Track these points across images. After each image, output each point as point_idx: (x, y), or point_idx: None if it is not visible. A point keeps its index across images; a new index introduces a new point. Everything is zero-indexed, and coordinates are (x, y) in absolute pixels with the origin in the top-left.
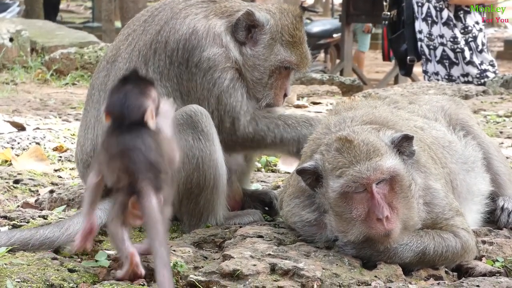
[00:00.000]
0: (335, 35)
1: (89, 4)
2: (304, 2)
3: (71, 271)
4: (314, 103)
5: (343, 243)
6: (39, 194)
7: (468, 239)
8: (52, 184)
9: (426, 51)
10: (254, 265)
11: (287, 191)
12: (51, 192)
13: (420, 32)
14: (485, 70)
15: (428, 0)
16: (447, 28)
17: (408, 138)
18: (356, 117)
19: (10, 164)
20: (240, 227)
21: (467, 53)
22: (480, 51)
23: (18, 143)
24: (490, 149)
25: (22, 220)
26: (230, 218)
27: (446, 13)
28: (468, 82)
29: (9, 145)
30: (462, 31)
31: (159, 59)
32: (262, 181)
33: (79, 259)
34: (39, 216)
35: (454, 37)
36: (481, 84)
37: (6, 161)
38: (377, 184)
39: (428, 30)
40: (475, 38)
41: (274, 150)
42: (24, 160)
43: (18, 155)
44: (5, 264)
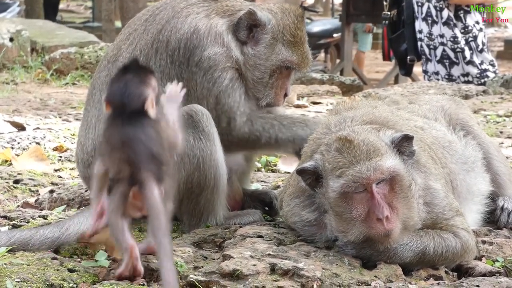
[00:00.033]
0: (335, 35)
1: (89, 4)
2: (304, 2)
3: (71, 271)
4: (314, 103)
5: (343, 243)
6: (39, 194)
7: (468, 239)
8: (52, 184)
9: (426, 50)
10: (254, 265)
11: (287, 191)
12: (51, 192)
13: (420, 31)
14: (485, 70)
15: (428, 0)
16: (447, 27)
17: (408, 138)
18: (356, 117)
19: (10, 164)
20: (240, 227)
21: (467, 52)
22: (480, 51)
23: (18, 143)
24: (490, 149)
25: (22, 220)
26: (230, 218)
27: (446, 12)
28: (468, 82)
29: (9, 145)
30: (462, 30)
31: (161, 58)
32: (262, 181)
33: (79, 259)
34: (39, 216)
35: (454, 36)
36: (481, 84)
37: (6, 161)
38: (377, 184)
39: (428, 29)
40: (475, 38)
41: (269, 150)
42: (24, 160)
43: (18, 155)
44: (5, 264)
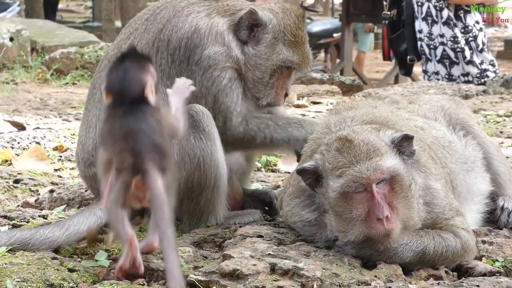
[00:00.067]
0: (335, 35)
1: (89, 3)
2: (304, 2)
3: (71, 270)
4: (314, 103)
5: (343, 243)
6: (39, 194)
7: (468, 239)
8: (52, 183)
9: (426, 50)
10: (254, 265)
11: (287, 190)
12: (51, 191)
13: (420, 31)
14: (485, 70)
15: (428, 0)
16: (447, 27)
17: (408, 138)
18: (356, 116)
19: (10, 164)
20: (240, 226)
21: (467, 52)
22: (481, 51)
23: (18, 143)
24: (490, 148)
25: (22, 220)
26: (230, 218)
27: (446, 12)
28: (468, 82)
29: (9, 144)
30: (463, 30)
31: (161, 57)
32: (262, 180)
33: (79, 259)
34: (39, 216)
35: (455, 36)
36: (481, 84)
37: (6, 160)
38: (377, 184)
39: (428, 29)
40: (475, 38)
41: (264, 150)
42: (24, 159)
43: (18, 155)
44: (5, 263)
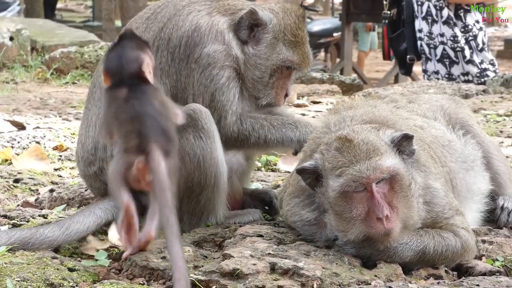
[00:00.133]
0: (335, 34)
1: (89, 3)
2: (304, 1)
3: (71, 270)
4: (314, 102)
5: (343, 242)
6: (39, 193)
7: (468, 238)
8: (52, 183)
9: (426, 50)
10: (254, 264)
11: (287, 190)
12: (51, 191)
13: (420, 31)
14: (485, 69)
15: None
16: (447, 27)
17: (408, 137)
18: (356, 116)
19: (10, 163)
20: (240, 226)
21: (467, 52)
22: (481, 50)
23: (18, 142)
24: (490, 148)
25: (22, 219)
26: (230, 217)
27: (446, 12)
28: (468, 81)
29: (9, 144)
30: (462, 30)
31: (161, 56)
32: (262, 180)
33: (79, 258)
34: (39, 215)
35: (455, 36)
36: (481, 83)
37: (6, 160)
38: (377, 183)
39: (428, 29)
40: (475, 37)
41: (258, 150)
42: (24, 159)
43: (18, 154)
44: (5, 263)
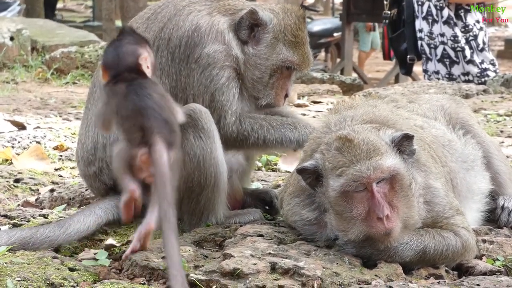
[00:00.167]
0: (335, 34)
1: (89, 3)
2: (304, 1)
3: (72, 270)
4: (315, 102)
5: (344, 242)
6: (40, 193)
7: (468, 238)
8: (53, 183)
9: (427, 50)
10: (255, 264)
11: (287, 190)
12: (52, 191)
13: (421, 31)
14: (485, 69)
15: None
16: (448, 26)
17: (408, 137)
18: (356, 116)
19: (11, 163)
20: (241, 226)
21: (467, 52)
22: (481, 50)
23: (19, 142)
24: (490, 148)
25: (23, 219)
26: (230, 217)
27: (446, 11)
28: (468, 81)
29: (9, 144)
30: (463, 29)
31: (161, 56)
32: (262, 180)
33: (80, 259)
34: (40, 215)
35: (455, 35)
36: (481, 83)
37: (7, 160)
38: (377, 183)
39: (428, 29)
40: (475, 37)
41: (257, 150)
42: (25, 159)
43: (18, 154)
44: (5, 263)
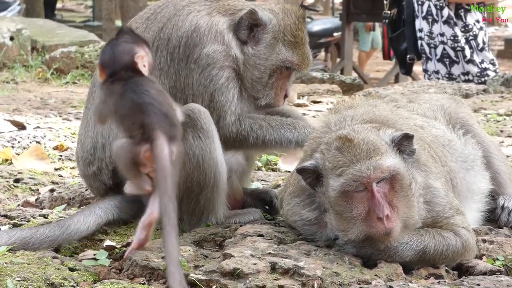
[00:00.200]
0: (335, 34)
1: (89, 3)
2: (304, 1)
3: (72, 270)
4: (315, 102)
5: (344, 242)
6: (40, 193)
7: (468, 237)
8: (53, 183)
9: (427, 49)
10: (255, 264)
11: (287, 190)
12: (52, 191)
13: (421, 30)
14: (485, 69)
15: None
16: (448, 26)
17: (408, 137)
18: (356, 115)
19: (11, 163)
20: (241, 226)
21: (467, 51)
22: (481, 50)
23: (19, 142)
24: (490, 147)
25: (23, 219)
26: (230, 217)
27: (446, 11)
28: (468, 81)
29: (9, 144)
30: (463, 29)
31: (161, 56)
32: (262, 180)
33: (80, 259)
34: (40, 215)
35: (455, 35)
36: (481, 83)
37: (7, 160)
38: (377, 183)
39: (428, 28)
40: (475, 37)
41: (256, 150)
42: (25, 159)
43: (18, 154)
44: (5, 263)
